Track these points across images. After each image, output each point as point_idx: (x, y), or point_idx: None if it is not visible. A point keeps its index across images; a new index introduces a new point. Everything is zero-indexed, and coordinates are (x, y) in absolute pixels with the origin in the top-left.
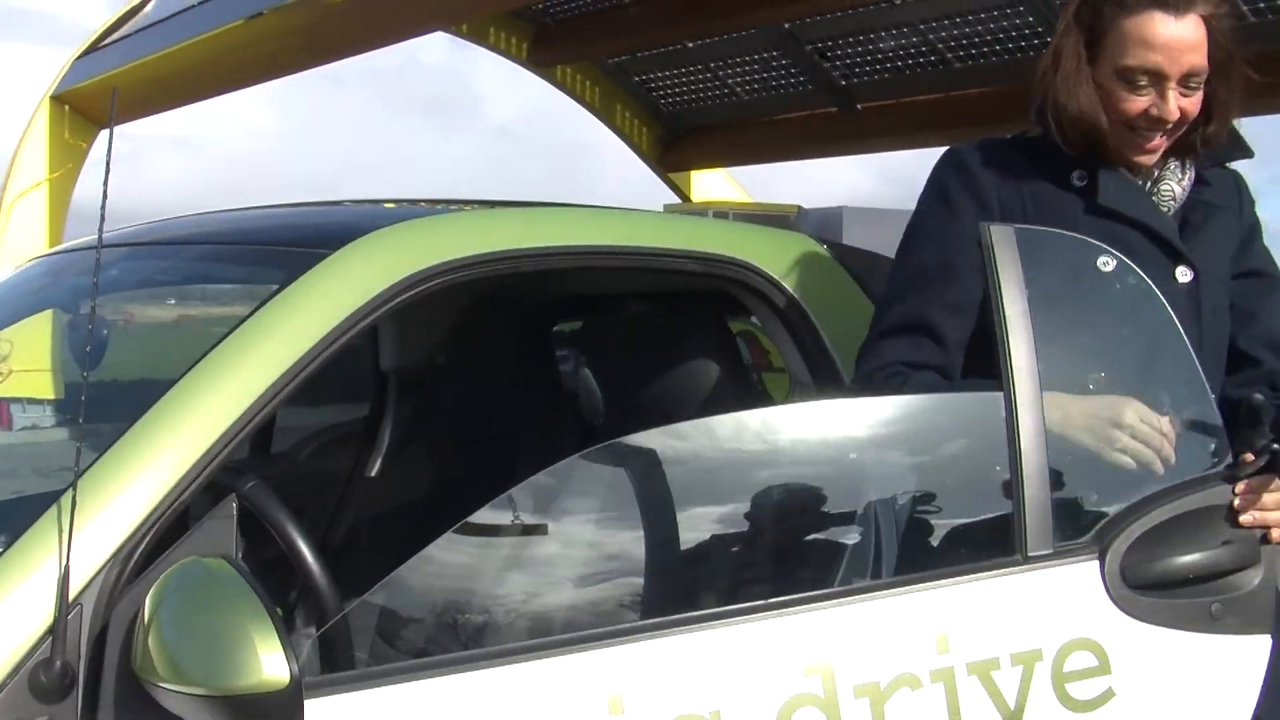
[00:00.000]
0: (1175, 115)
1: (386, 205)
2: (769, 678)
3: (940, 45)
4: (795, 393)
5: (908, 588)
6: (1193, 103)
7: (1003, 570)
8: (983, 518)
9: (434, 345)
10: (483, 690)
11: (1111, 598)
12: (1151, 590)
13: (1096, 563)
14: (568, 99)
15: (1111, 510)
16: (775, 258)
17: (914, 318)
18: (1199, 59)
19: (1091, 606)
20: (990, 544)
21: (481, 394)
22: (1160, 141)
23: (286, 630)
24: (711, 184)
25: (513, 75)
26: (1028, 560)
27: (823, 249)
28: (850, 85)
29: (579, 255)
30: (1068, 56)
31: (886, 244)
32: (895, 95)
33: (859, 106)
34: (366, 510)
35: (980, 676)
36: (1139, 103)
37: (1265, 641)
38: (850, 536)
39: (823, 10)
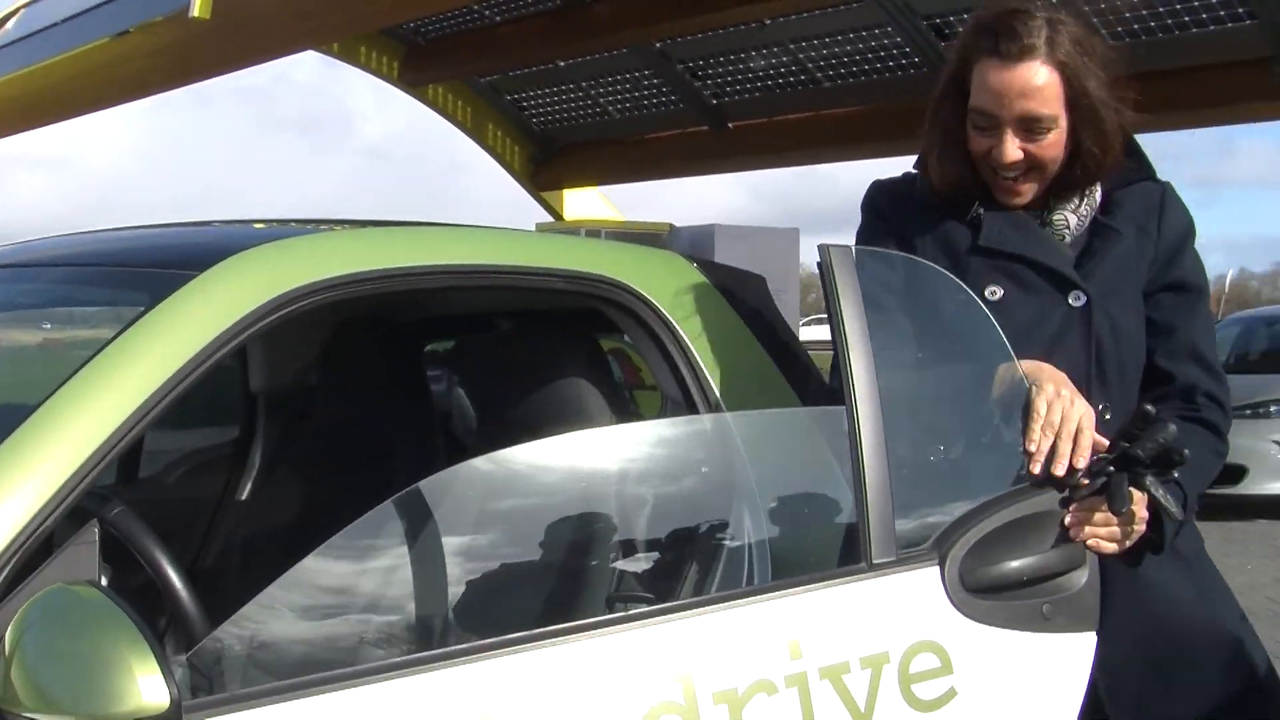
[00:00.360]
0: (1011, 158)
1: (256, 225)
2: (632, 688)
3: (810, 65)
4: (667, 409)
5: (761, 596)
6: (1042, 147)
7: (849, 578)
8: (829, 527)
9: (304, 366)
10: (355, 709)
11: (952, 602)
12: (988, 593)
13: (937, 568)
14: (440, 118)
15: (949, 518)
16: (645, 276)
17: None
18: (1036, 105)
19: (933, 610)
20: (837, 553)
21: (353, 414)
22: (1023, 186)
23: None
24: (584, 203)
25: (385, 94)
26: (872, 568)
27: (693, 266)
28: (721, 104)
29: (450, 275)
30: (942, 117)
31: (757, 261)
32: (766, 114)
33: (730, 125)
34: (237, 534)
35: (832, 680)
36: (983, 144)
37: (1090, 638)
38: (707, 549)
39: (693, 30)
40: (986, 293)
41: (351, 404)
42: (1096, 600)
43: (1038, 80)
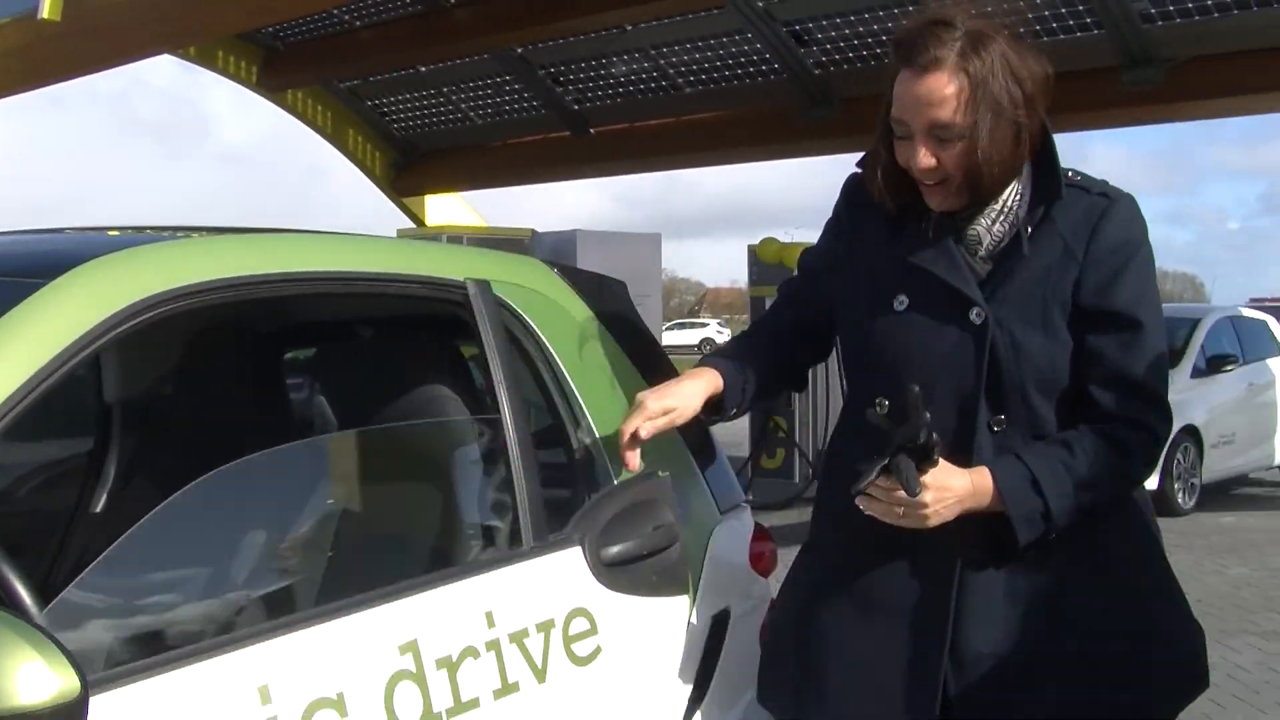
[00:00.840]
0: (923, 165)
1: (109, 232)
2: (374, 660)
3: (671, 70)
4: (530, 414)
5: (463, 578)
6: (951, 155)
7: (520, 559)
8: (501, 518)
9: (161, 375)
10: (161, 695)
11: (593, 574)
12: (617, 566)
13: (580, 548)
14: (299, 123)
15: (584, 506)
16: (506, 282)
17: None
18: (943, 114)
19: (581, 582)
20: (507, 538)
21: (210, 424)
22: (941, 191)
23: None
24: (447, 209)
25: (243, 99)
26: (533, 550)
27: (554, 272)
28: (583, 109)
29: (309, 282)
30: (878, 126)
31: (619, 266)
32: (627, 119)
33: (592, 130)
34: (92, 547)
35: (518, 644)
36: (902, 152)
37: (685, 600)
38: (411, 538)
39: (555, 36)
40: (895, 301)
41: (209, 413)
42: (685, 570)
43: (945, 90)
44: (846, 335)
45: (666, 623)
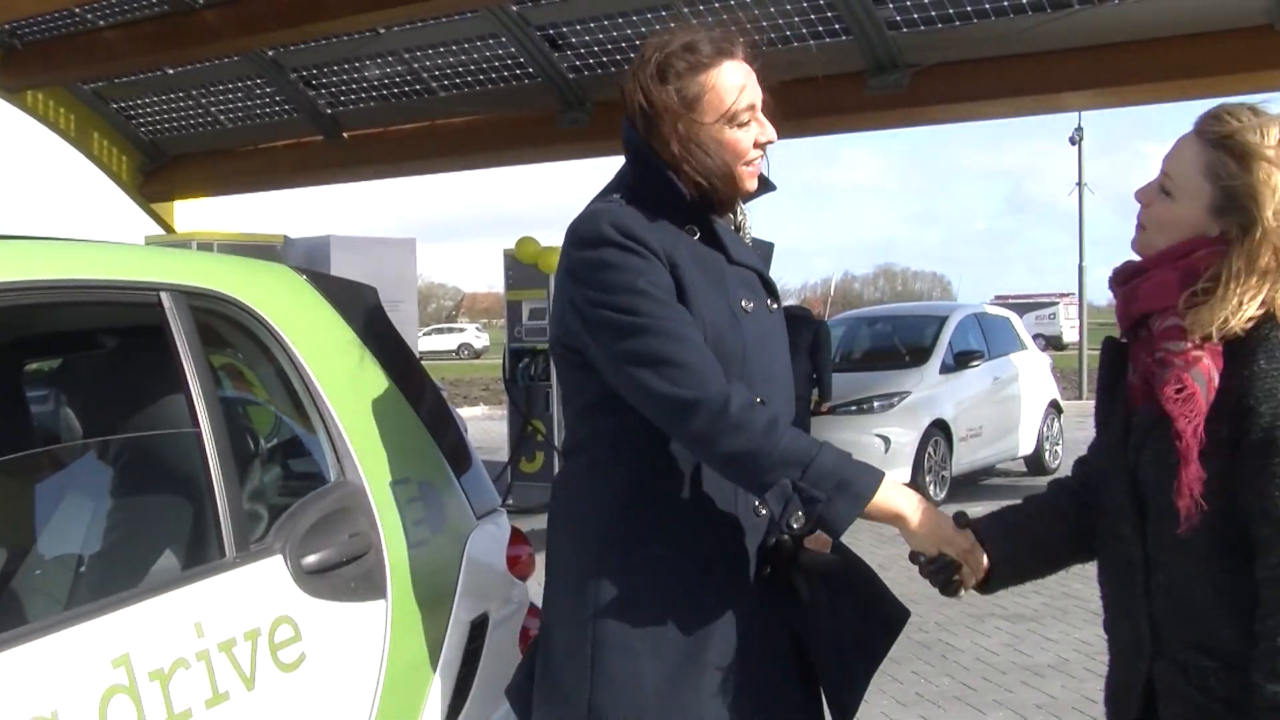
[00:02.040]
0: (772, 132)
1: None
2: (87, 676)
3: (425, 75)
4: (280, 424)
5: (172, 589)
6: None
7: (224, 569)
8: (205, 530)
9: None
10: None
11: (295, 581)
12: (318, 573)
13: (281, 557)
14: (41, 126)
15: (283, 515)
16: (254, 289)
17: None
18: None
19: (284, 590)
20: (214, 550)
21: None
22: (757, 168)
23: None
24: (198, 214)
25: None
26: (236, 560)
27: (302, 278)
28: (336, 113)
29: (50, 290)
30: (688, 129)
31: (372, 272)
32: (381, 123)
33: (345, 135)
34: None
35: (226, 653)
36: (748, 135)
37: (382, 604)
38: (120, 551)
39: (306, 38)
40: (743, 304)
41: None
42: (382, 575)
43: (750, 72)
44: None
45: (368, 627)
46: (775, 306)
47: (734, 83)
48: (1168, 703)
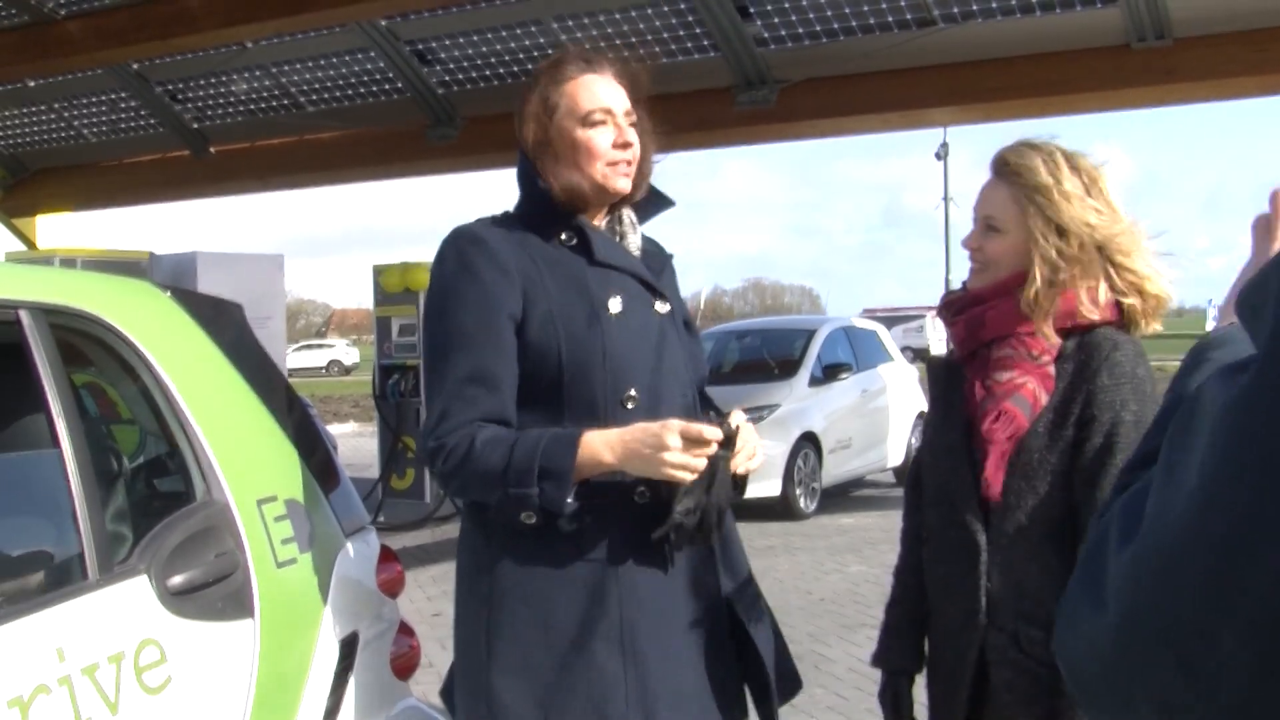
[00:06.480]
0: (632, 137)
1: None
2: None
3: (293, 89)
4: (144, 443)
5: (32, 613)
6: (638, 135)
7: (87, 591)
8: (67, 551)
9: None
10: None
11: (161, 602)
12: (184, 593)
13: (145, 577)
14: None
15: (148, 535)
16: (116, 307)
17: (474, 373)
18: (621, 100)
19: (149, 612)
20: (73, 571)
21: None
22: (627, 169)
23: None
24: (61, 230)
25: None
26: (100, 582)
27: (166, 295)
28: (203, 128)
29: None
30: (547, 131)
31: (240, 289)
32: (249, 138)
33: (212, 150)
34: None
35: (89, 677)
36: (606, 136)
37: (250, 623)
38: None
39: (172, 51)
40: (611, 305)
41: None
42: (248, 596)
43: (614, 85)
44: (564, 350)
45: (236, 648)
46: (665, 308)
47: (591, 89)
48: (999, 669)
